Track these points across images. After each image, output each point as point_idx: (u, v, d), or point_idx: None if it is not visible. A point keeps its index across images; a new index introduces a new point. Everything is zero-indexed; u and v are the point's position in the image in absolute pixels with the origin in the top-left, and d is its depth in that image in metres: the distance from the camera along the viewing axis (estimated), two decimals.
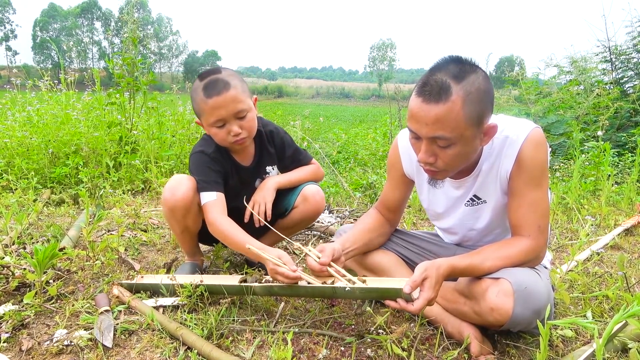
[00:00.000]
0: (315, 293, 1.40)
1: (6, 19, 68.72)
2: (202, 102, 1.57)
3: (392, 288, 1.21)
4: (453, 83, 1.16)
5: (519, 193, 1.30)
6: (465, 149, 1.22)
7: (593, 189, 3.53)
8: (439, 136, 1.18)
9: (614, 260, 2.19)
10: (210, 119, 1.59)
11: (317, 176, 1.94)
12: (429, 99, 1.17)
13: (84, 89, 4.72)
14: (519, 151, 1.28)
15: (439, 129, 1.17)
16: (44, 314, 1.48)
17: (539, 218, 1.29)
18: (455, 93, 1.15)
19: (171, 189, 1.65)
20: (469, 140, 1.20)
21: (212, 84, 1.56)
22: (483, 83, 1.19)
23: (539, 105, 5.52)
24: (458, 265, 1.24)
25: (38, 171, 3.36)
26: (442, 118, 1.16)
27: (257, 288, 1.44)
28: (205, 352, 1.24)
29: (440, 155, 1.23)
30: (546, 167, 1.30)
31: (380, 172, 3.93)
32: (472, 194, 1.42)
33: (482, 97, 1.18)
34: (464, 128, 1.17)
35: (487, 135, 1.25)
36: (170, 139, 4.13)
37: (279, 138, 1.86)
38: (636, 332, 1.32)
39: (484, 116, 1.20)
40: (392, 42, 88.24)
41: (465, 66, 1.19)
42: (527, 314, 1.19)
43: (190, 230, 1.75)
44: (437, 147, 1.22)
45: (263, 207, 1.73)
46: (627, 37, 5.54)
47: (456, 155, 1.23)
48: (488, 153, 1.35)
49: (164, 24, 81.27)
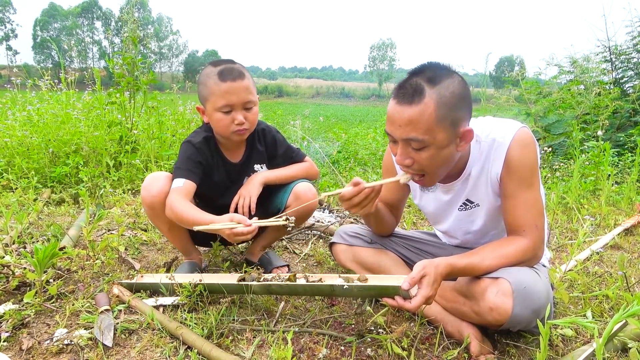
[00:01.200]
0: (313, 291, 1.40)
1: (7, 19, 68.70)
2: (215, 84, 1.58)
3: (390, 285, 1.21)
4: (427, 86, 1.18)
5: (512, 195, 1.30)
6: (440, 152, 1.23)
7: (593, 189, 3.54)
8: (412, 138, 1.20)
9: (613, 260, 2.19)
10: (219, 103, 1.59)
11: (310, 174, 1.90)
12: (403, 101, 1.20)
13: (84, 89, 4.72)
14: (507, 153, 1.28)
15: (412, 130, 1.19)
16: (44, 313, 1.48)
17: (535, 217, 1.29)
18: (428, 96, 1.17)
19: (147, 187, 1.65)
20: (442, 143, 1.21)
21: (228, 70, 1.59)
22: (458, 88, 1.20)
23: (539, 105, 5.51)
24: (457, 265, 1.24)
25: (38, 170, 3.36)
26: (414, 120, 1.18)
27: (255, 287, 1.44)
28: (205, 352, 1.24)
29: (416, 158, 1.25)
30: (536, 166, 1.31)
31: (380, 172, 3.93)
32: (464, 199, 1.43)
33: (457, 101, 1.19)
34: (436, 131, 1.19)
35: (464, 140, 1.25)
36: (170, 138, 4.13)
37: (270, 136, 1.85)
38: (636, 332, 1.32)
39: (458, 120, 1.21)
40: (392, 41, 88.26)
41: (441, 71, 1.22)
42: (527, 313, 1.19)
43: (176, 226, 1.72)
44: (412, 150, 1.24)
45: (247, 200, 1.70)
46: (627, 37, 5.54)
47: (431, 159, 1.24)
48: (476, 157, 1.35)
49: (164, 23, 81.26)
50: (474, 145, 1.36)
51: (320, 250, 2.26)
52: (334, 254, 1.75)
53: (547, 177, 3.96)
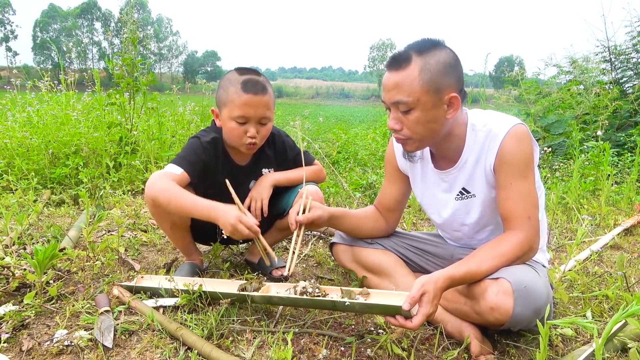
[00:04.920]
0: (314, 305, 1.39)
1: (6, 20, 68.72)
2: (236, 94, 1.58)
3: (391, 305, 1.20)
4: (415, 55, 1.28)
5: (505, 185, 1.32)
6: (425, 115, 1.29)
7: (593, 189, 3.54)
8: (398, 100, 1.29)
9: (613, 260, 2.19)
10: (236, 113, 1.59)
11: (318, 177, 1.92)
12: (391, 68, 1.30)
13: (84, 90, 4.72)
14: (500, 145, 1.31)
15: (397, 93, 1.29)
16: (44, 314, 1.48)
17: (528, 208, 1.30)
18: (414, 62, 1.27)
19: (150, 183, 1.64)
20: (427, 107, 1.28)
21: (252, 81, 1.59)
22: (445, 57, 1.28)
23: (539, 105, 5.52)
24: (455, 275, 1.24)
25: (38, 172, 3.36)
26: (400, 83, 1.28)
27: (256, 297, 1.43)
28: (206, 353, 1.24)
29: (404, 122, 1.32)
30: (530, 160, 1.32)
31: (379, 172, 3.93)
32: (460, 187, 1.45)
33: (442, 68, 1.27)
34: (419, 93, 1.26)
35: (452, 108, 1.31)
36: (170, 139, 4.13)
37: (280, 141, 1.86)
38: (636, 332, 1.32)
39: (443, 86, 1.27)
40: (392, 42, 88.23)
41: (431, 43, 1.30)
42: (528, 312, 1.19)
43: (178, 225, 1.73)
44: (400, 114, 1.32)
45: (259, 203, 1.72)
46: (627, 37, 5.55)
47: (417, 122, 1.30)
48: (471, 145, 1.38)
49: (164, 24, 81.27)
50: (470, 133, 1.38)
51: (320, 250, 2.26)
52: (334, 254, 1.75)
53: (547, 177, 3.96)
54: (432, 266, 1.65)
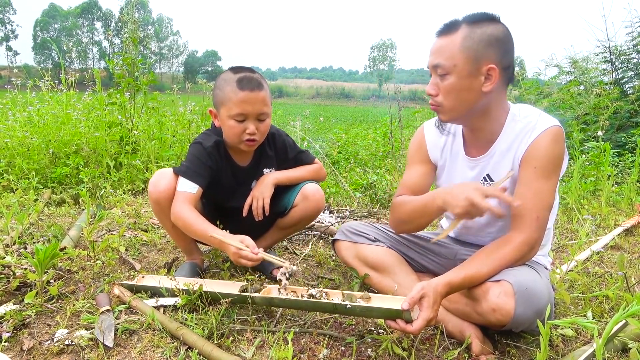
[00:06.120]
0: (315, 307, 1.40)
1: (7, 19, 68.77)
2: (233, 92, 1.58)
3: (392, 309, 1.20)
4: (465, 24, 1.28)
5: (526, 181, 1.30)
6: (460, 82, 1.28)
7: (593, 189, 3.53)
8: (437, 64, 1.30)
9: (614, 260, 2.19)
10: (234, 111, 1.60)
11: (319, 176, 1.94)
12: (439, 34, 1.32)
13: (84, 89, 4.73)
14: (535, 139, 1.30)
15: (438, 56, 1.30)
16: (44, 313, 1.48)
17: (539, 209, 1.28)
18: (461, 29, 1.27)
19: (154, 182, 1.66)
20: (463, 74, 1.27)
21: (247, 79, 1.60)
22: (494, 30, 1.27)
23: (539, 105, 5.51)
24: (454, 280, 1.24)
25: (39, 171, 3.36)
26: (442, 48, 1.30)
27: (257, 298, 1.44)
28: (206, 352, 1.24)
29: (440, 87, 1.32)
30: (559, 163, 1.30)
31: (380, 172, 3.93)
32: (485, 173, 1.43)
33: (487, 39, 1.26)
34: (457, 59, 1.27)
35: (489, 80, 1.28)
36: (171, 139, 4.13)
37: (280, 141, 1.86)
38: (636, 332, 1.32)
39: (484, 57, 1.26)
40: (392, 42, 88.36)
41: (486, 16, 1.29)
42: (529, 314, 1.19)
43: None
44: (438, 79, 1.32)
45: (261, 202, 1.73)
46: (627, 38, 5.55)
47: (451, 88, 1.30)
48: (508, 133, 1.36)
49: (165, 24, 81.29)
50: (509, 122, 1.37)
51: (321, 250, 2.26)
52: (337, 251, 1.75)
53: None
54: (434, 265, 1.65)
